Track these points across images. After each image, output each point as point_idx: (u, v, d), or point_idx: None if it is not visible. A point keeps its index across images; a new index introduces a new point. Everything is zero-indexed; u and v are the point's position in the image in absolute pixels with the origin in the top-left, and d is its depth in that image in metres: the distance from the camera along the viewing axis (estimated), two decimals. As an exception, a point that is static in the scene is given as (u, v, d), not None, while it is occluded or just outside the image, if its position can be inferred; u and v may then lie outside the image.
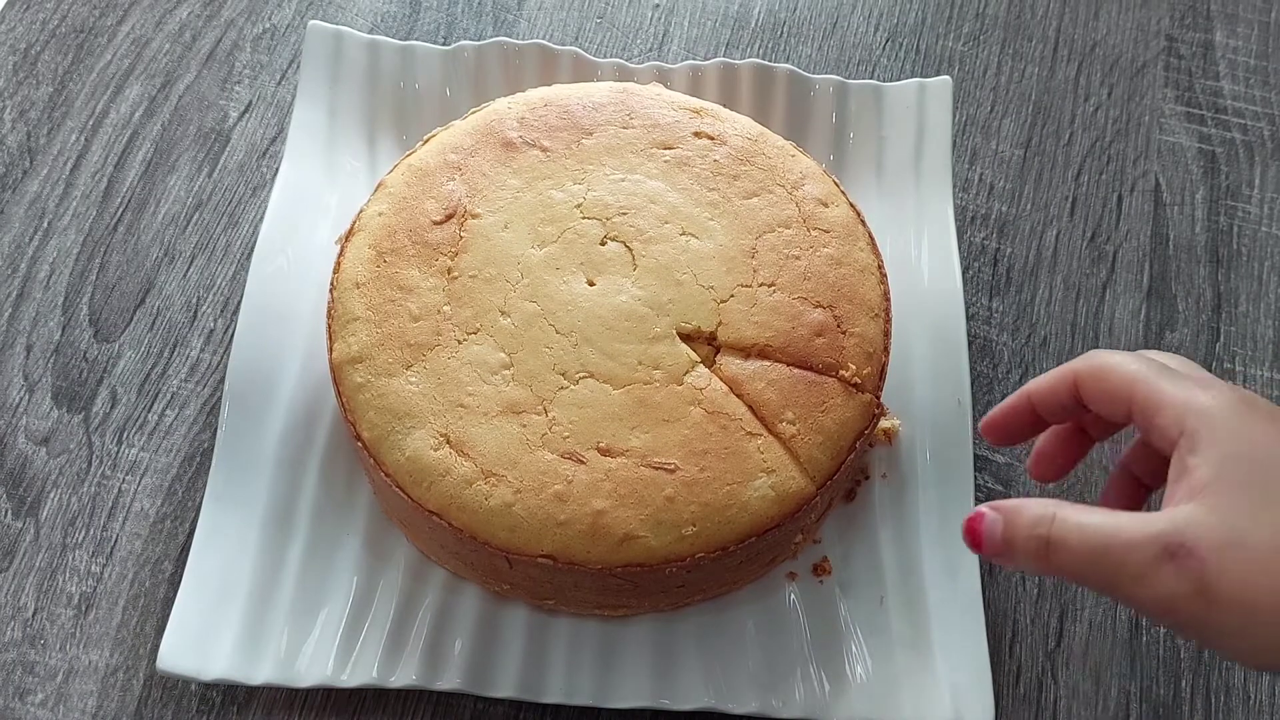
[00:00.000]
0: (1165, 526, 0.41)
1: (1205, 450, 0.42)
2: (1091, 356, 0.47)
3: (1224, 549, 0.40)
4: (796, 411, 0.54)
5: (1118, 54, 0.77)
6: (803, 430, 0.53)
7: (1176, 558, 0.40)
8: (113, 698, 0.55)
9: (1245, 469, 0.41)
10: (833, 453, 0.54)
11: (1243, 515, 0.40)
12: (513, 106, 0.61)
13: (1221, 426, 0.42)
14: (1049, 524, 0.43)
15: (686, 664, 0.55)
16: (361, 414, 0.54)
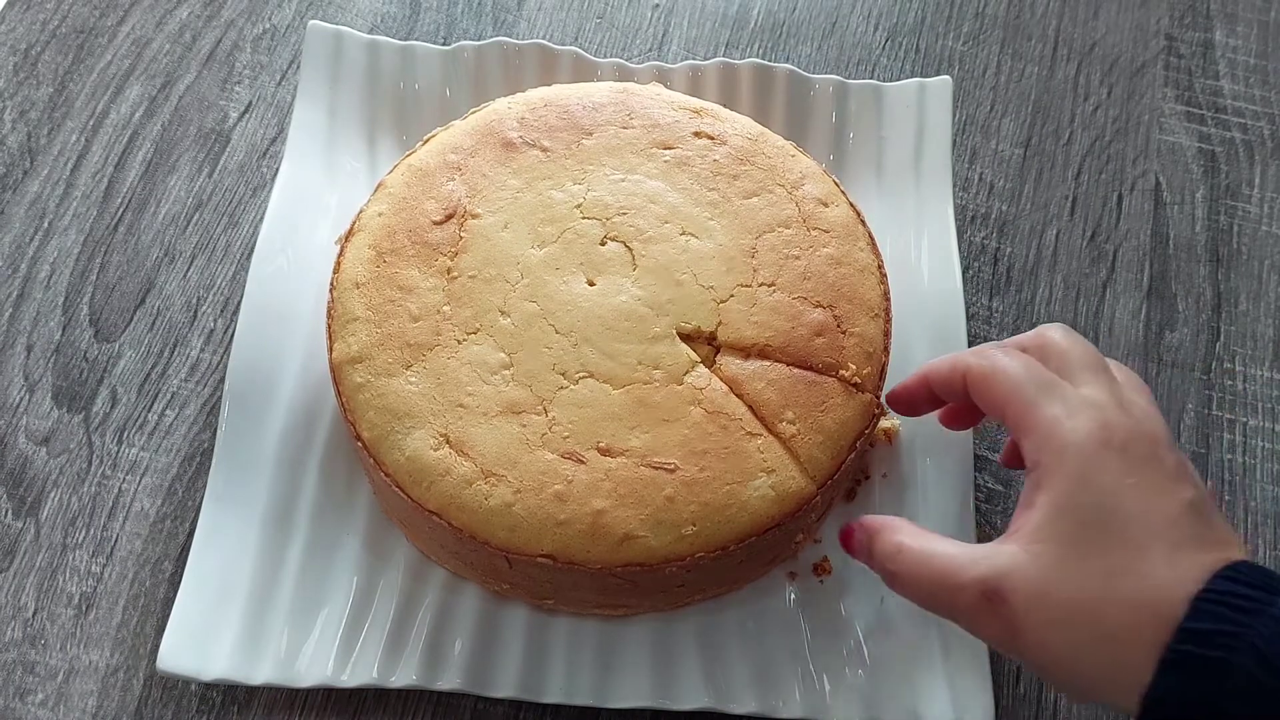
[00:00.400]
0: (987, 571, 0.44)
1: (1047, 490, 0.44)
2: (983, 356, 0.49)
3: (1032, 600, 0.42)
4: (796, 411, 0.54)
5: (1117, 53, 0.77)
6: (803, 430, 0.53)
7: (993, 603, 0.43)
8: (113, 698, 0.55)
9: (1073, 519, 0.43)
10: (833, 452, 0.54)
11: (1056, 568, 0.42)
12: (513, 107, 0.61)
13: (1069, 468, 0.44)
14: (893, 557, 0.47)
15: (686, 664, 0.55)
16: (361, 414, 0.54)
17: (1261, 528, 0.62)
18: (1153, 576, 0.41)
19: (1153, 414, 0.46)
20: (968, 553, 0.45)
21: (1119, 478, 0.43)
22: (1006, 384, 0.47)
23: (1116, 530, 0.42)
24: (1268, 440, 0.65)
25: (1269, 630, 0.39)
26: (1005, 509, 0.62)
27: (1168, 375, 0.67)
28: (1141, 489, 0.43)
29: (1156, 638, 0.40)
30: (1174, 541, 0.42)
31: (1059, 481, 0.43)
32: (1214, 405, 0.66)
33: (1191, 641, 0.40)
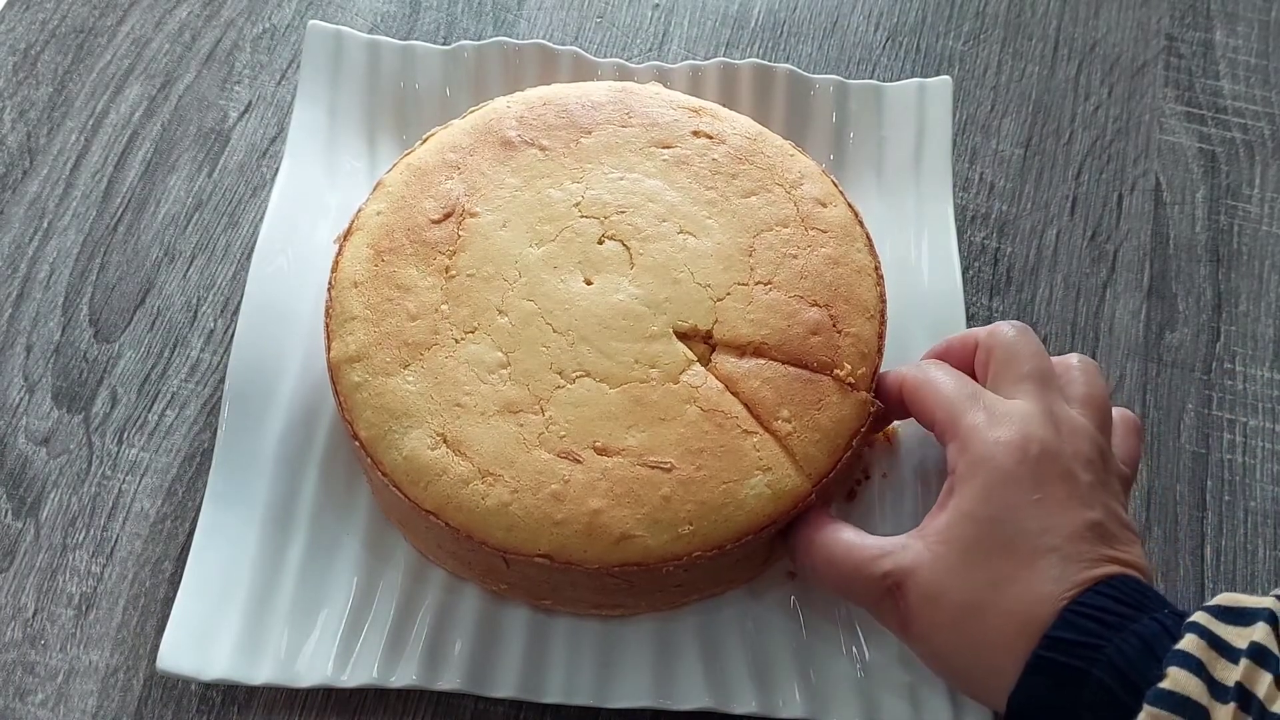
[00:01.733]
0: (892, 565, 0.47)
1: (958, 496, 0.46)
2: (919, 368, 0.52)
3: (925, 599, 0.45)
4: (792, 409, 0.54)
5: (1118, 53, 0.77)
6: (798, 428, 0.53)
7: (893, 597, 0.47)
8: (113, 698, 0.55)
9: (974, 528, 0.45)
10: (829, 450, 0.54)
11: (951, 572, 0.45)
12: (511, 105, 0.61)
13: (980, 479, 0.46)
14: (808, 551, 0.51)
15: (686, 664, 0.55)
16: (359, 413, 0.54)
17: (1262, 528, 0.62)
18: (1035, 589, 0.43)
19: (1083, 429, 0.48)
20: (878, 544, 0.48)
21: (1024, 493, 0.45)
22: (935, 394, 0.50)
23: (1010, 543, 0.44)
24: (1268, 440, 0.65)
25: (1129, 646, 0.40)
26: (1005, 509, 0.62)
27: (1168, 375, 0.67)
28: (1044, 505, 0.45)
29: (1027, 645, 0.42)
30: (1066, 556, 0.43)
31: (969, 490, 0.46)
32: (1214, 405, 0.66)
33: (1056, 649, 0.42)
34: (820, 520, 0.51)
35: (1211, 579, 0.61)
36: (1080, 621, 0.42)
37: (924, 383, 0.51)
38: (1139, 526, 0.62)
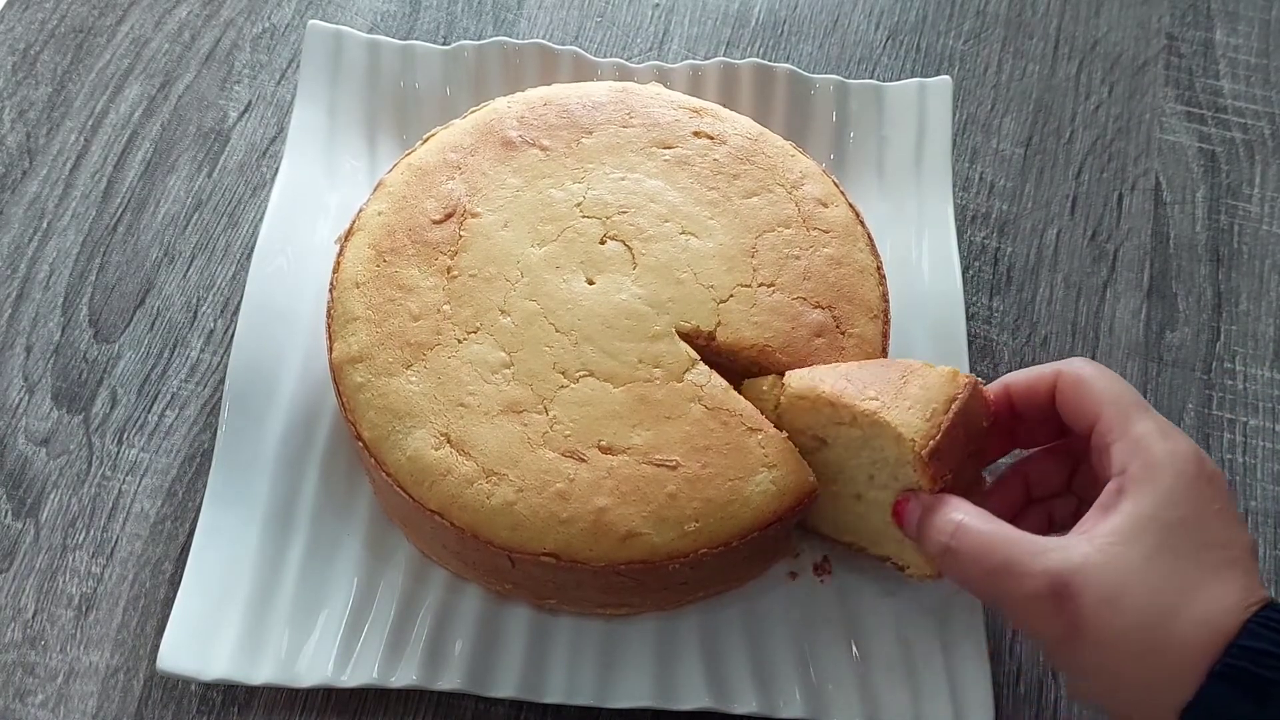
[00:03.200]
0: (1059, 564, 0.43)
1: (1133, 499, 0.44)
2: (1076, 364, 0.49)
3: (1103, 601, 0.42)
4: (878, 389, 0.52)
5: (1118, 52, 0.77)
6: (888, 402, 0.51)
7: (1059, 598, 0.43)
8: (113, 699, 0.55)
9: (1159, 532, 0.43)
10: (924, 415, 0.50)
11: (1134, 574, 0.42)
12: (512, 105, 0.61)
13: (1160, 483, 0.44)
14: (950, 533, 0.46)
15: (687, 664, 0.55)
16: (362, 414, 0.54)
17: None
18: (1223, 599, 0.42)
19: None
20: (1034, 541, 0.44)
21: (1209, 502, 0.44)
22: (1103, 388, 0.47)
23: (1199, 550, 0.43)
24: (1268, 440, 0.65)
25: None
26: (1006, 509, 0.62)
27: (1168, 375, 0.67)
28: (1225, 517, 0.44)
29: (1211, 655, 0.41)
30: (1246, 570, 0.43)
31: (1148, 493, 0.44)
32: (1214, 405, 0.66)
33: (1245, 658, 0.41)
34: (964, 506, 0.47)
35: (1212, 579, 0.61)
36: (1268, 634, 0.41)
37: (1083, 379, 0.48)
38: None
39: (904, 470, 0.50)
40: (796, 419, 0.53)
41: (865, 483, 0.53)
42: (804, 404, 0.52)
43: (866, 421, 0.50)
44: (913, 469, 0.49)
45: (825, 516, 0.56)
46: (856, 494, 0.54)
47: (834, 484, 0.54)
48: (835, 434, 0.53)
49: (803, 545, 0.58)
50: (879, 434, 0.50)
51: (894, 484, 0.51)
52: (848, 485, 0.54)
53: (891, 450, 0.50)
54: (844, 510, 0.55)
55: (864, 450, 0.52)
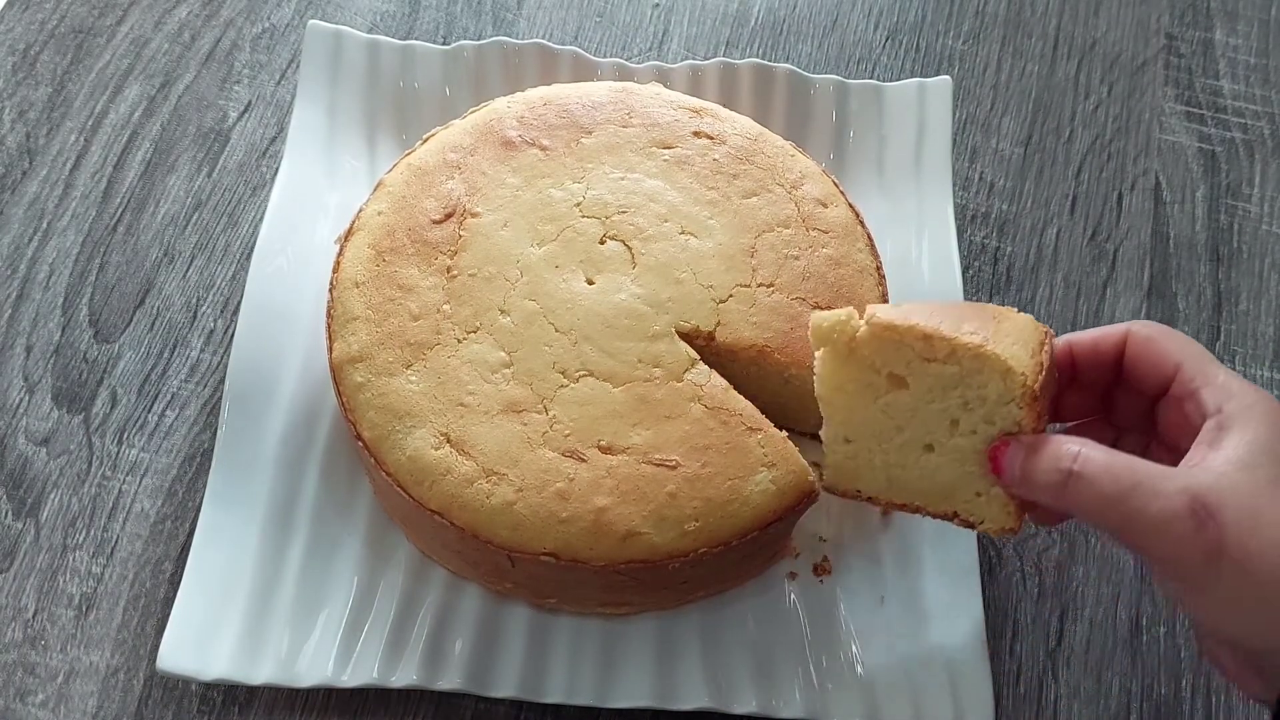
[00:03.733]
0: (1193, 483, 0.42)
1: (1240, 431, 0.43)
2: (1144, 323, 0.49)
3: (1245, 521, 0.41)
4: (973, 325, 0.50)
5: (1118, 51, 0.77)
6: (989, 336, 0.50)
7: (1198, 517, 0.41)
8: (113, 698, 0.55)
9: (1274, 462, 0.42)
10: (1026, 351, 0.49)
11: (1263, 495, 0.41)
12: (512, 105, 0.61)
13: (1261, 420, 0.43)
14: (1073, 459, 0.44)
15: (687, 664, 0.55)
16: (362, 413, 0.54)
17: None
18: None
19: None
20: (1157, 467, 0.43)
21: None
22: (1178, 340, 0.47)
23: None
24: (1268, 439, 0.65)
25: None
26: (1006, 508, 0.62)
27: (1168, 374, 0.67)
28: None
29: None
30: None
31: (1252, 426, 0.43)
32: (1215, 404, 0.66)
33: None
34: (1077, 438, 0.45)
35: (1212, 578, 0.61)
36: None
37: (1159, 334, 0.48)
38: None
39: (1003, 411, 0.47)
40: (877, 354, 0.49)
41: (944, 430, 0.49)
42: (891, 336, 0.48)
43: (969, 355, 0.47)
44: (1017, 407, 0.46)
45: (873, 475, 0.51)
46: (928, 444, 0.49)
47: (897, 435, 0.50)
48: (921, 372, 0.48)
49: (802, 545, 0.58)
50: (983, 369, 0.47)
51: (985, 428, 0.48)
52: (919, 434, 0.49)
53: (995, 387, 0.47)
54: (906, 464, 0.50)
55: (954, 391, 0.48)
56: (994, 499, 0.49)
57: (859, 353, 0.49)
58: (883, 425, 0.50)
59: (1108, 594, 0.60)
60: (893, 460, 0.50)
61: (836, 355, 0.49)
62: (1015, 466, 0.46)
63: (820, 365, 0.50)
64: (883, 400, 0.50)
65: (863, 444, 0.51)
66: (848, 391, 0.50)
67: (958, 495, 0.50)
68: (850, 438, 0.51)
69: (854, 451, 0.51)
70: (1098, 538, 0.61)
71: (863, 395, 0.50)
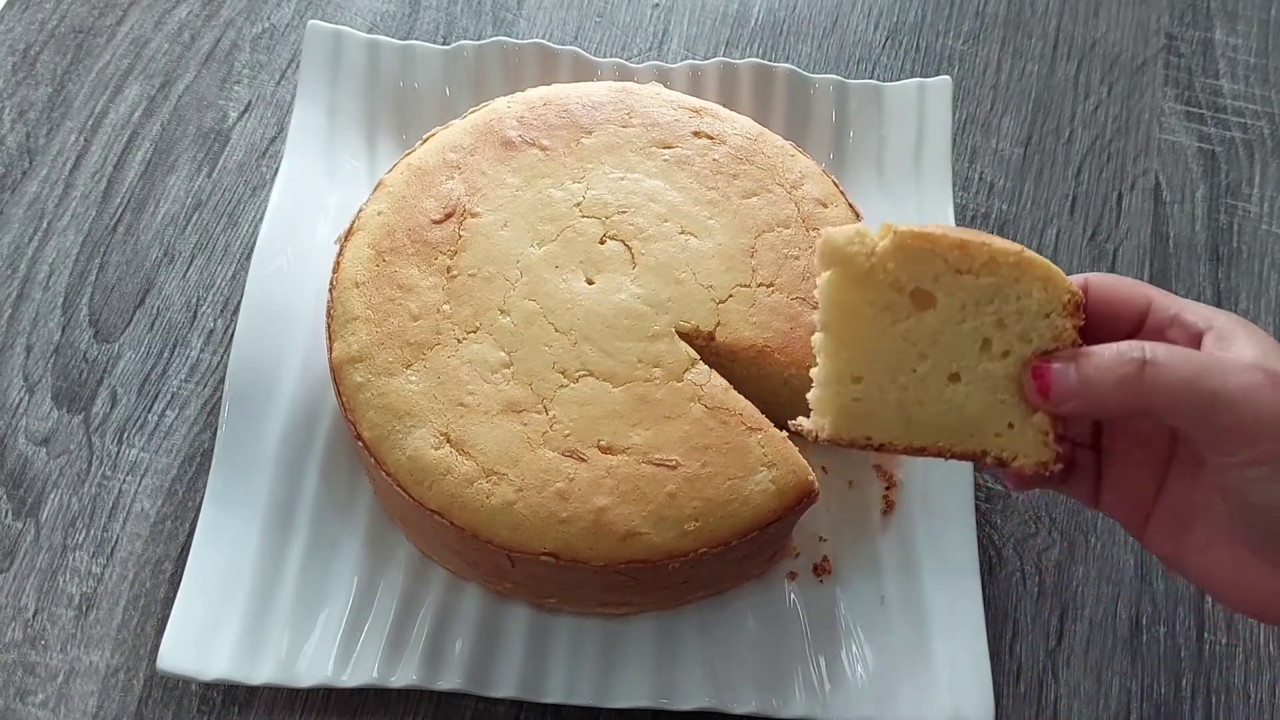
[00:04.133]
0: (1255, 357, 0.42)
1: (1244, 340, 0.43)
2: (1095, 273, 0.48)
3: None
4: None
5: (1118, 52, 0.77)
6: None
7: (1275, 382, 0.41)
8: (113, 698, 0.55)
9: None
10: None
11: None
12: (512, 105, 0.61)
13: (1251, 330, 0.44)
14: (1142, 349, 0.42)
15: (687, 664, 0.55)
16: (362, 413, 0.54)
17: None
18: None
19: None
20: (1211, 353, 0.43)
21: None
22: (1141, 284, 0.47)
23: None
24: (1268, 439, 0.65)
25: None
26: (1005, 508, 0.62)
27: (1168, 374, 0.66)
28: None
29: None
30: None
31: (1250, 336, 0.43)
32: (1214, 404, 0.66)
33: None
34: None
35: (1212, 578, 0.61)
36: None
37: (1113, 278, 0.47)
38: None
39: (1043, 325, 0.44)
40: (904, 268, 0.44)
41: (973, 354, 0.44)
42: (920, 245, 0.44)
43: (1008, 263, 0.44)
44: (1061, 316, 0.44)
45: (888, 416, 0.46)
46: (954, 372, 0.45)
47: (920, 364, 0.45)
48: (953, 286, 0.44)
49: (802, 545, 0.58)
50: (1022, 277, 0.44)
51: (1020, 347, 0.44)
52: (944, 361, 0.45)
53: (1038, 296, 0.44)
54: (927, 399, 0.45)
55: (989, 306, 0.44)
56: (1029, 429, 0.45)
57: (879, 270, 0.44)
58: (902, 355, 0.45)
59: (1108, 594, 0.60)
60: (912, 396, 0.45)
61: (852, 275, 0.44)
62: (1070, 377, 0.43)
63: (829, 289, 0.45)
64: (904, 324, 0.45)
65: (876, 380, 0.45)
66: (863, 318, 0.45)
67: (987, 429, 0.45)
68: (860, 374, 0.45)
69: (864, 391, 0.45)
70: (1098, 537, 0.61)
71: (879, 321, 0.45)
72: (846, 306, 0.44)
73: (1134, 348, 0.43)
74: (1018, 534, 0.61)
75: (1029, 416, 0.45)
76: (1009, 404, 0.45)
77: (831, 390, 0.45)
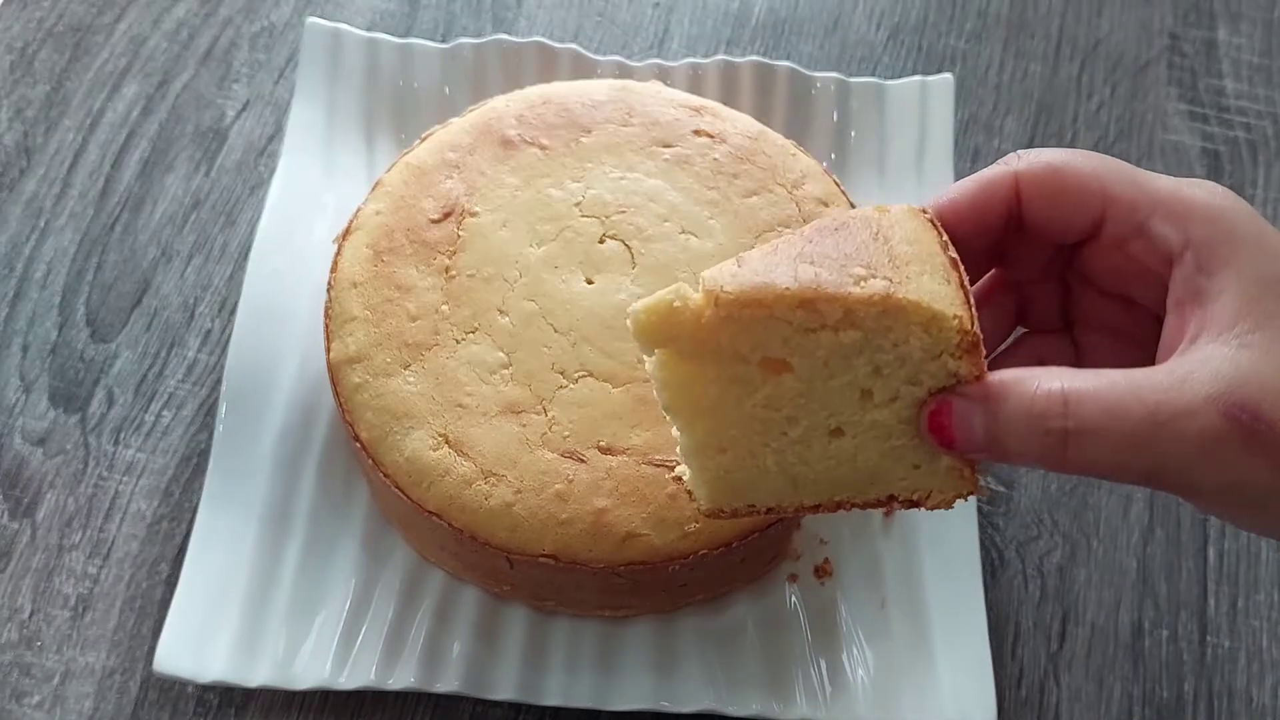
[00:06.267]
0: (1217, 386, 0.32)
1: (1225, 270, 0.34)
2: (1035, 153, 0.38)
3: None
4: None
5: (1121, 52, 0.77)
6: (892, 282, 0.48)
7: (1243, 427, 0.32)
8: (109, 700, 0.55)
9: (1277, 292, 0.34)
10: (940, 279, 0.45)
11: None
12: (511, 104, 0.61)
13: (1241, 235, 0.34)
14: (1062, 412, 0.34)
15: (687, 666, 0.55)
16: (360, 414, 0.53)
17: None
18: None
19: None
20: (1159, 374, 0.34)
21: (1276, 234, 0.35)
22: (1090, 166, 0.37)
23: None
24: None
25: None
26: (1007, 511, 0.61)
27: (1171, 375, 0.66)
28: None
29: None
30: None
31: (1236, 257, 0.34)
32: (1217, 406, 0.65)
33: None
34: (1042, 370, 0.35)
35: (1214, 581, 0.60)
36: None
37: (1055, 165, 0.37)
38: (1141, 528, 0.61)
39: (932, 367, 0.37)
40: (739, 339, 0.38)
41: (854, 406, 0.39)
42: (754, 313, 0.37)
43: (872, 314, 0.37)
44: (953, 358, 0.37)
45: (768, 482, 0.41)
46: (834, 427, 0.39)
47: (791, 428, 0.39)
48: (809, 347, 0.38)
49: (803, 547, 0.58)
50: (895, 324, 0.37)
51: (910, 391, 0.38)
52: (819, 418, 0.39)
53: (918, 342, 0.37)
54: (810, 459, 0.40)
55: (860, 358, 0.38)
56: (939, 466, 0.39)
57: (711, 343, 0.38)
58: (767, 423, 0.39)
59: (1110, 598, 0.60)
60: (791, 459, 0.40)
61: (681, 352, 0.38)
62: (977, 431, 0.36)
63: (661, 373, 0.39)
64: (760, 394, 0.39)
65: (743, 449, 0.40)
66: (709, 396, 0.39)
67: (889, 476, 0.40)
68: (724, 447, 0.40)
69: (734, 462, 0.40)
70: (1100, 541, 0.61)
71: (730, 395, 0.39)
72: (686, 388, 0.39)
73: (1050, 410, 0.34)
74: (1020, 537, 0.61)
75: (936, 455, 0.39)
76: (908, 447, 0.39)
77: (697, 463, 0.40)
